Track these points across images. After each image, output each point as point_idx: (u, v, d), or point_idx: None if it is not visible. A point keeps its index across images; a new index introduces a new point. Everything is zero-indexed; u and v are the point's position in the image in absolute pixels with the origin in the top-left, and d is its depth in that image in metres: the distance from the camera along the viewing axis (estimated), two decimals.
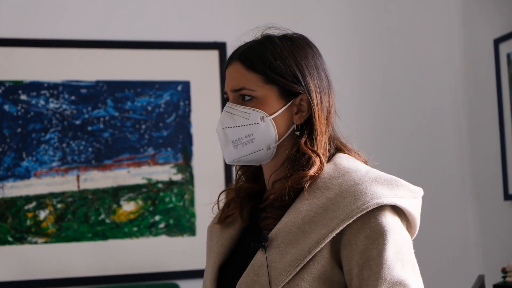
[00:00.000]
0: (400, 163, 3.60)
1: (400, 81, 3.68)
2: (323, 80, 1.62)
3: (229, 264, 1.62)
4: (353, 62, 3.62)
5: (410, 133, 3.67)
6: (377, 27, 3.67)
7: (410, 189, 1.54)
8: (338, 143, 1.64)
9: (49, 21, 3.35)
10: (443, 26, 3.74)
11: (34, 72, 3.32)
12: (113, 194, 3.34)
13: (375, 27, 3.67)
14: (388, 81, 3.67)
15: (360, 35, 3.65)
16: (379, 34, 3.67)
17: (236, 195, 1.67)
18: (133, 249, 3.33)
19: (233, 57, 1.63)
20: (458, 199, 3.67)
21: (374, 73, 3.65)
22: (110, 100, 3.38)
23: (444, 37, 3.73)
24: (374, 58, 3.65)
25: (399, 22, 3.71)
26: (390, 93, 3.66)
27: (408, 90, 3.68)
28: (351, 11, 3.65)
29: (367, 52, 3.65)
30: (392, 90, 3.66)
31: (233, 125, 1.58)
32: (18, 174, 3.27)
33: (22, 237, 3.25)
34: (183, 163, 3.42)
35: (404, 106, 3.67)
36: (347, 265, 1.47)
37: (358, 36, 3.65)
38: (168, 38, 3.45)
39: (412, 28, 3.72)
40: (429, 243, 3.56)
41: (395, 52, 3.68)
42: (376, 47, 3.66)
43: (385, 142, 3.62)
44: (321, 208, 1.49)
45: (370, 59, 3.65)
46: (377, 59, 3.66)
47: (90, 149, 3.34)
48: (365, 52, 3.65)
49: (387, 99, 3.65)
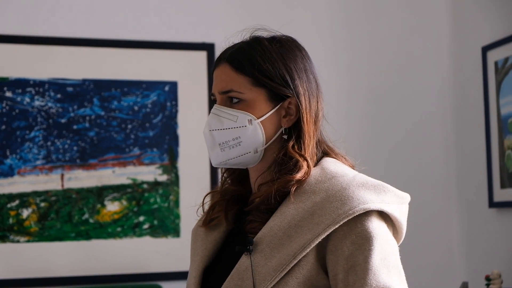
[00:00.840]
0: (387, 168, 3.59)
1: (388, 87, 3.67)
2: (312, 84, 1.61)
3: (213, 268, 1.61)
4: (342, 66, 3.62)
5: (397, 139, 3.66)
6: (366, 32, 3.67)
7: (397, 195, 1.53)
8: (325, 147, 1.63)
9: (36, 18, 3.32)
10: (432, 33, 3.74)
11: (19, 69, 3.29)
12: (97, 193, 3.32)
13: (363, 33, 3.67)
14: (376, 87, 3.66)
15: (348, 40, 3.64)
16: (367, 39, 3.67)
17: (221, 197, 1.66)
18: (116, 250, 3.31)
19: (222, 59, 1.62)
20: (444, 206, 3.67)
21: (362, 78, 3.64)
22: (97, 99, 3.35)
23: (433, 44, 3.74)
24: (362, 63, 3.65)
25: (388, 28, 3.70)
26: (378, 98, 3.66)
27: (396, 96, 3.68)
28: (340, 15, 3.65)
29: (355, 57, 3.64)
30: (380, 96, 3.66)
31: (220, 127, 1.57)
32: (1, 172, 3.24)
33: (4, 235, 3.22)
34: (169, 164, 3.40)
35: (391, 112, 3.67)
36: (332, 271, 1.46)
37: (346, 41, 3.64)
38: (156, 38, 3.43)
39: (400, 34, 3.72)
40: (414, 249, 3.56)
41: (384, 58, 3.68)
42: (364, 52, 3.66)
43: (372, 147, 3.62)
44: (308, 213, 1.48)
45: (358, 64, 3.64)
46: (365, 64, 3.65)
47: (75, 148, 3.32)
48: (354, 57, 3.64)
49: (375, 104, 3.65)
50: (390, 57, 3.69)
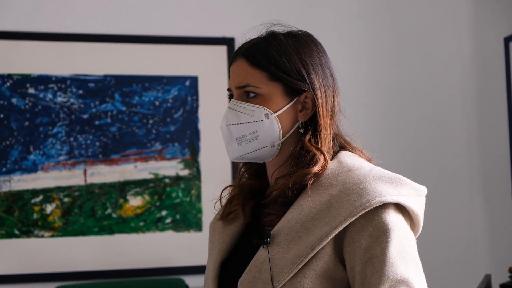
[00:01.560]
0: (409, 161, 3.59)
1: (409, 79, 3.66)
2: (328, 78, 1.61)
3: (231, 261, 1.62)
4: (362, 60, 3.61)
5: (419, 131, 3.65)
6: (386, 24, 3.66)
7: (414, 188, 1.53)
8: (342, 140, 1.63)
9: (58, 15, 3.35)
10: (453, 24, 3.72)
11: (42, 65, 3.33)
12: (120, 188, 3.34)
13: (383, 25, 3.65)
14: (397, 79, 3.65)
15: (368, 33, 3.64)
16: (387, 32, 3.66)
17: (238, 191, 1.67)
18: (139, 244, 3.34)
19: (238, 54, 1.63)
20: (466, 198, 3.66)
21: (383, 71, 3.63)
22: (118, 94, 3.38)
23: (454, 35, 3.72)
24: (382, 56, 3.64)
25: (409, 20, 3.69)
26: (399, 91, 3.65)
27: (417, 88, 3.66)
28: (359, 6, 3.64)
29: (375, 50, 3.63)
30: (401, 88, 3.65)
31: (237, 122, 1.58)
32: (25, 168, 3.28)
33: (29, 230, 3.26)
34: (190, 158, 3.42)
35: (413, 104, 3.66)
36: (350, 263, 1.46)
37: (366, 33, 3.63)
38: (177, 33, 3.45)
39: (421, 26, 3.70)
40: (436, 242, 3.55)
41: (404, 50, 3.67)
42: (384, 45, 3.65)
43: (394, 139, 3.61)
44: (324, 205, 1.48)
45: (378, 57, 3.63)
46: (386, 56, 3.64)
47: (97, 143, 3.35)
48: (373, 50, 3.63)
49: (396, 97, 3.64)
50: (411, 50, 3.67)
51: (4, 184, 3.25)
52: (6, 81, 3.28)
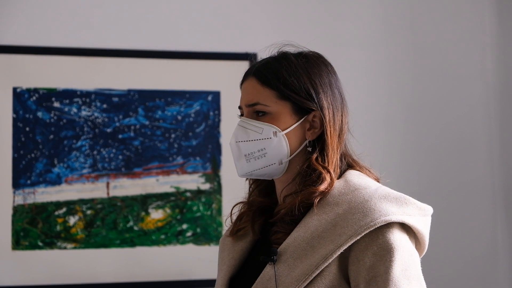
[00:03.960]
0: (431, 176, 3.57)
1: (431, 93, 3.65)
2: (337, 98, 1.63)
3: (239, 277, 1.65)
4: (383, 74, 3.61)
5: (441, 147, 3.64)
6: (408, 41, 3.65)
7: (419, 207, 1.55)
8: (350, 160, 1.65)
9: (83, 30, 3.41)
10: (476, 41, 3.71)
11: (67, 80, 3.38)
12: (141, 201, 3.38)
13: (406, 42, 3.65)
14: (419, 95, 3.64)
15: (390, 48, 3.63)
16: (409, 49, 3.65)
17: (248, 208, 1.70)
18: (160, 257, 3.37)
19: (249, 73, 1.66)
20: (488, 213, 3.63)
21: (405, 87, 3.63)
22: (141, 108, 3.42)
23: (477, 52, 3.70)
24: (404, 73, 3.63)
25: (431, 36, 3.69)
26: (421, 106, 3.63)
27: (438, 103, 3.65)
28: (381, 23, 3.65)
29: (397, 66, 3.63)
30: (423, 104, 3.64)
31: (246, 139, 1.61)
32: (49, 180, 3.33)
33: (52, 242, 3.31)
34: (212, 172, 3.45)
35: (435, 120, 3.65)
36: (354, 281, 1.48)
37: (388, 50, 3.63)
38: (199, 49, 3.49)
39: (444, 42, 3.69)
40: (458, 258, 3.53)
41: (427, 67, 3.66)
42: (407, 62, 3.64)
43: (415, 155, 3.60)
44: (330, 224, 1.50)
45: (400, 74, 3.63)
46: (408, 73, 3.64)
47: (120, 156, 3.39)
48: (395, 67, 3.63)
49: (418, 113, 3.63)
50: (433, 66, 3.67)
51: (28, 196, 3.31)
52: (32, 95, 3.35)
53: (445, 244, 3.52)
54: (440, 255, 3.48)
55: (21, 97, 3.34)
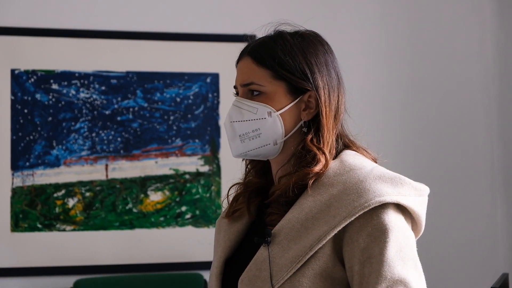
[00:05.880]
0: (430, 159, 3.57)
1: (431, 78, 3.64)
2: (333, 78, 1.61)
3: (235, 258, 1.64)
4: (381, 58, 3.60)
5: (440, 130, 3.63)
6: (406, 23, 3.64)
7: (414, 187, 1.53)
8: (346, 140, 1.64)
9: (81, 12, 3.40)
10: (476, 23, 3.69)
11: (65, 62, 3.37)
12: (140, 184, 3.38)
13: (404, 24, 3.63)
14: (418, 78, 3.63)
15: (387, 31, 3.62)
16: (407, 31, 3.63)
17: (244, 189, 1.69)
18: (159, 239, 3.37)
19: (244, 52, 1.65)
20: (488, 197, 3.63)
21: (403, 70, 3.61)
22: (140, 91, 3.41)
23: (477, 34, 3.68)
24: (403, 56, 3.62)
25: (430, 18, 3.66)
26: (420, 89, 3.62)
27: (439, 87, 3.64)
28: (379, 5, 3.62)
29: (395, 49, 3.61)
30: (422, 87, 3.63)
31: (240, 119, 1.60)
32: (48, 162, 3.33)
33: (51, 224, 3.31)
34: (211, 154, 3.44)
35: (434, 103, 3.63)
36: (348, 262, 1.47)
37: (386, 32, 3.62)
38: (198, 30, 3.47)
39: (443, 25, 3.67)
40: (458, 241, 3.53)
41: (425, 49, 3.64)
42: (405, 44, 3.63)
43: (415, 138, 3.59)
44: (325, 205, 1.49)
45: (398, 56, 3.61)
46: (406, 56, 3.62)
47: (119, 139, 3.38)
48: (393, 49, 3.61)
49: (417, 96, 3.62)
50: (432, 49, 3.65)
51: (27, 178, 3.31)
52: (31, 77, 3.34)
53: (444, 225, 3.52)
54: (438, 236, 3.47)
55: (19, 79, 3.33)
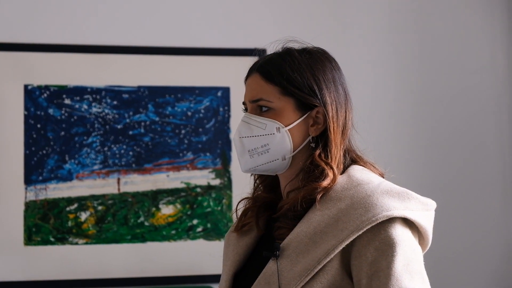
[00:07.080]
0: (439, 171, 3.57)
1: (438, 88, 3.64)
2: (340, 94, 1.64)
3: (243, 272, 1.66)
4: (391, 71, 3.60)
5: (452, 142, 3.63)
6: (416, 36, 3.64)
7: (421, 202, 1.55)
8: (354, 155, 1.66)
9: (93, 28, 3.43)
10: (487, 34, 3.69)
11: (78, 77, 3.40)
12: (152, 197, 3.40)
13: (414, 37, 3.64)
14: (426, 88, 3.63)
15: (398, 44, 3.62)
16: (418, 43, 3.64)
17: (253, 204, 1.71)
18: (170, 252, 3.39)
19: (253, 69, 1.68)
20: (500, 211, 3.62)
21: (414, 83, 3.62)
22: (151, 105, 3.44)
23: (488, 46, 3.69)
24: (413, 68, 3.62)
25: (441, 29, 3.67)
26: (431, 101, 3.62)
27: (449, 97, 3.64)
28: (389, 18, 3.63)
29: (405, 61, 3.61)
30: (430, 97, 3.62)
31: (249, 134, 1.63)
32: (61, 176, 3.36)
33: (64, 237, 3.33)
34: (222, 168, 3.46)
35: (445, 114, 3.63)
36: (356, 276, 1.49)
37: (396, 45, 3.62)
38: (209, 45, 3.50)
39: (454, 36, 3.68)
40: (469, 255, 3.52)
41: (436, 61, 3.65)
42: (415, 57, 3.63)
43: (426, 150, 3.59)
44: (333, 219, 1.51)
45: (409, 69, 3.61)
46: (417, 68, 3.63)
47: (130, 153, 3.41)
48: (404, 62, 3.61)
49: (428, 108, 3.62)
50: (440, 58, 3.65)
51: (40, 192, 3.34)
52: (43, 92, 3.37)
53: (455, 239, 3.51)
54: (450, 250, 3.47)
55: (32, 94, 3.37)
